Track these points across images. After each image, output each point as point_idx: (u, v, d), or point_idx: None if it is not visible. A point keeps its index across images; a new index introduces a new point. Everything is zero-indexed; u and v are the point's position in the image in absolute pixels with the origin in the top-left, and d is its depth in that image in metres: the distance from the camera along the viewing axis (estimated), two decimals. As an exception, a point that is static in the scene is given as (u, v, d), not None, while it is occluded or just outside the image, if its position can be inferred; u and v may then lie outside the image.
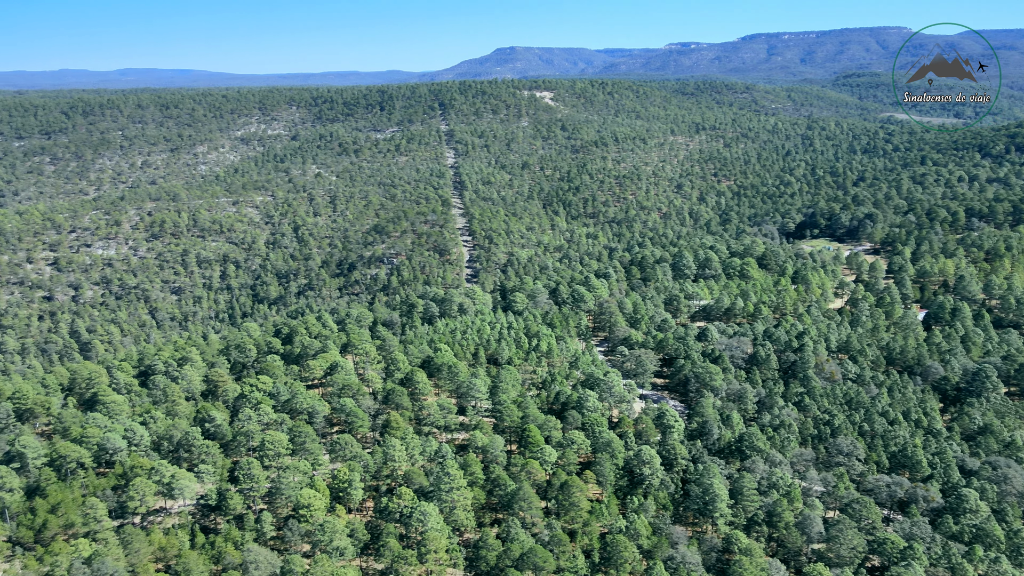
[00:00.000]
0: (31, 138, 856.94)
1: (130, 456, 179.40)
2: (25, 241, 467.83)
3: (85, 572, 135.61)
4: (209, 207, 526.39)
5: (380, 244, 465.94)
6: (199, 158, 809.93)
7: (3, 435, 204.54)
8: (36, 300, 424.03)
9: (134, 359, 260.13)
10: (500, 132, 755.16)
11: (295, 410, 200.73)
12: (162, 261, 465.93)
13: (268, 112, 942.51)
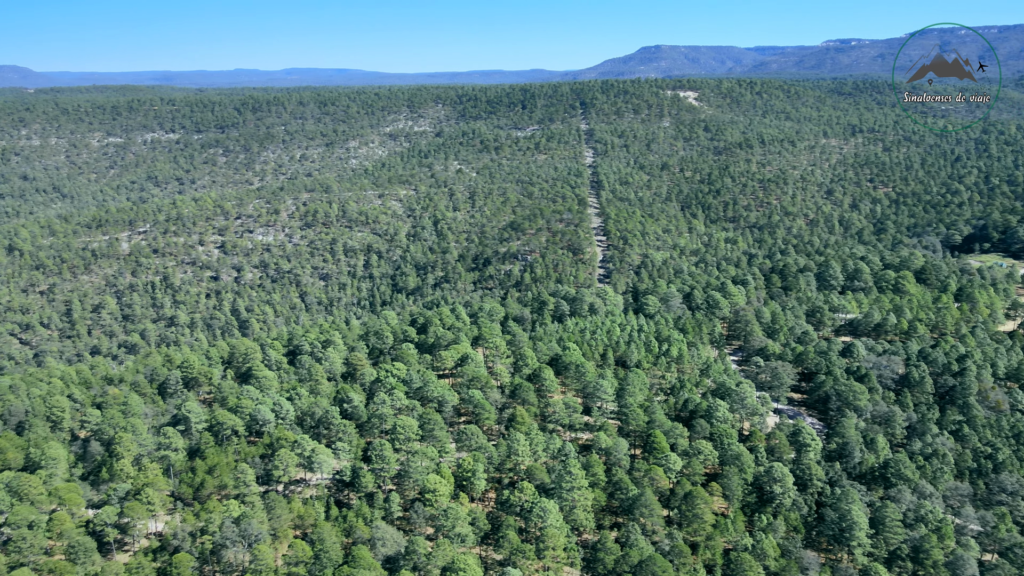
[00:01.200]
0: (208, 132, 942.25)
1: (277, 428, 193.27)
2: (199, 225, 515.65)
3: (234, 530, 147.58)
4: (357, 199, 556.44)
5: (515, 241, 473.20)
6: (351, 152, 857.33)
7: (172, 399, 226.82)
8: (205, 279, 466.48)
9: (284, 339, 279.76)
10: (641, 132, 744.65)
11: (426, 398, 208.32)
12: (313, 248, 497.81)
13: (415, 109, 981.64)
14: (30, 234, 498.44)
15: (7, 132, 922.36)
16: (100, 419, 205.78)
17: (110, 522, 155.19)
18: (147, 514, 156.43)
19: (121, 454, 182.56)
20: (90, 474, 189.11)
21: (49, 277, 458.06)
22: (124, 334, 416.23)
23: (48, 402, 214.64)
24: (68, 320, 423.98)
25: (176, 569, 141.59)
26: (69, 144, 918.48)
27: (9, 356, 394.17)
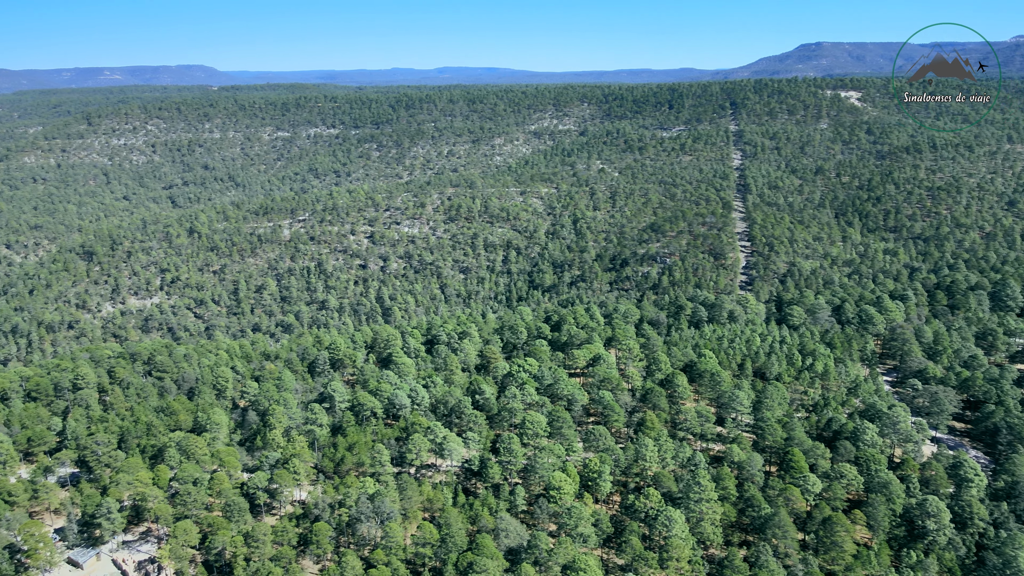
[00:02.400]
0: (364, 127, 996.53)
1: (412, 414, 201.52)
2: (351, 216, 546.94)
3: (369, 506, 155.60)
4: (499, 195, 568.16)
5: (655, 242, 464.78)
6: (495, 149, 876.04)
7: (320, 378, 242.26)
8: (354, 267, 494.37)
9: (424, 328, 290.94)
10: (794, 134, 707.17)
11: (556, 395, 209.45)
12: (455, 242, 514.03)
13: (561, 108, 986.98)
14: (208, 219, 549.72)
15: (193, 125, 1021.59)
16: (257, 391, 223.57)
17: (261, 486, 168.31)
18: (293, 483, 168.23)
19: (273, 425, 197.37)
20: (246, 440, 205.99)
21: (221, 258, 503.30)
22: (281, 314, 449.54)
23: (215, 372, 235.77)
24: (235, 298, 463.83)
25: (316, 536, 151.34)
26: (244, 137, 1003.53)
27: (185, 328, 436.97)
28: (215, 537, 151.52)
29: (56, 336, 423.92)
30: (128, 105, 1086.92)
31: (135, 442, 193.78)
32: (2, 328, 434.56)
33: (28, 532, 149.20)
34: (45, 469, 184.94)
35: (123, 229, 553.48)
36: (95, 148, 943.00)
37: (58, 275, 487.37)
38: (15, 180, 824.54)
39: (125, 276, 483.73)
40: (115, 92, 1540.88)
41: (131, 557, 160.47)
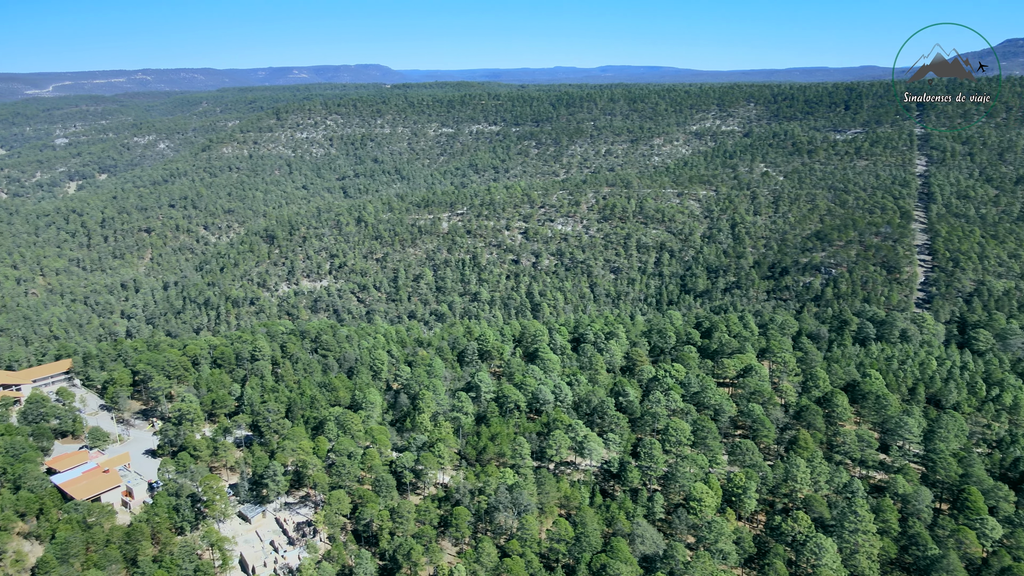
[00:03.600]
0: (524, 125, 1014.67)
1: (555, 410, 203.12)
2: (507, 211, 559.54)
3: (507, 497, 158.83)
4: (655, 196, 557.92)
5: (819, 252, 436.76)
6: (654, 149, 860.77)
7: (468, 368, 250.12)
8: (507, 261, 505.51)
9: (571, 326, 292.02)
10: (993, 139, 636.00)
11: (702, 404, 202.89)
12: (607, 241, 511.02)
13: (725, 108, 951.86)
14: (374, 209, 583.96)
15: (367, 121, 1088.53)
16: (410, 375, 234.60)
17: (408, 466, 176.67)
18: (437, 466, 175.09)
19: (423, 409, 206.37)
20: (397, 421, 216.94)
21: (384, 247, 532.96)
22: (436, 303, 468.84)
23: (373, 354, 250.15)
24: (394, 285, 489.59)
25: (456, 520, 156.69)
26: (411, 133, 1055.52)
27: (348, 311, 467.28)
28: (365, 509, 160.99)
29: (240, 310, 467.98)
30: (311, 102, 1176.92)
31: (300, 413, 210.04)
32: (196, 300, 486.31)
33: (208, 484, 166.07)
34: (224, 430, 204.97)
35: (300, 216, 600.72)
36: (281, 141, 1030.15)
37: (244, 255, 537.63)
38: (215, 168, 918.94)
39: (300, 259, 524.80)
40: (301, 90, 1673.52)
41: (291, 517, 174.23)
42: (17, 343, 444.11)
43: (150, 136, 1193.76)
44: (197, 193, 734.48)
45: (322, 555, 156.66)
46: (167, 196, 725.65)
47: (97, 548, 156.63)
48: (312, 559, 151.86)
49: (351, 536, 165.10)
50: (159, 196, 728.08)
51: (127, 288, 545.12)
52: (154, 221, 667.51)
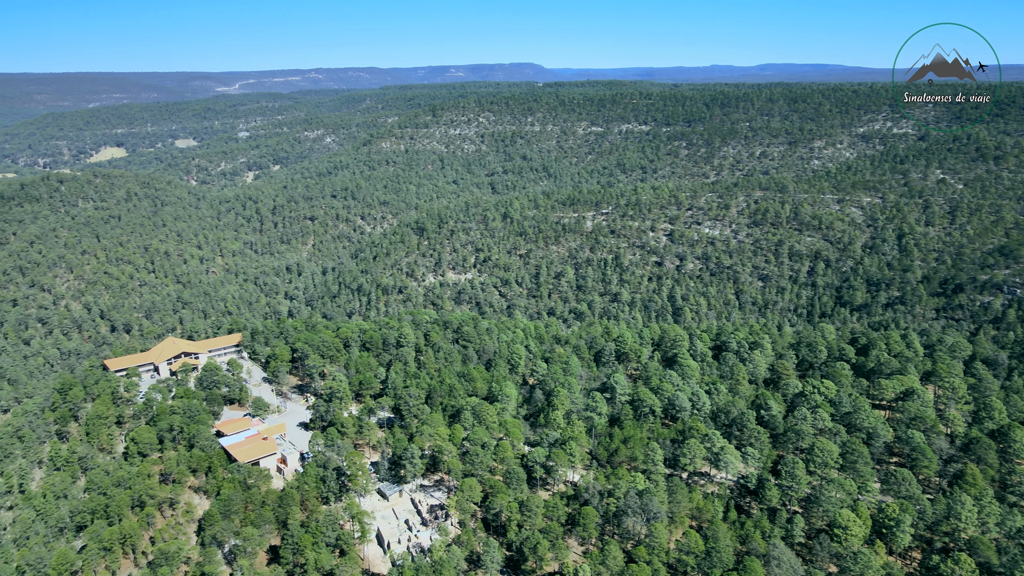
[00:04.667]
0: (675, 125, 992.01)
1: (691, 418, 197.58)
2: (653, 212, 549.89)
3: (636, 502, 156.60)
4: (812, 202, 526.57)
5: (1002, 268, 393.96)
6: (814, 152, 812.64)
7: (604, 368, 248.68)
8: (650, 263, 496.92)
9: (713, 332, 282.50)
10: None
11: (853, 425, 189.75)
12: (757, 247, 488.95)
13: (898, 109, 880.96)
14: (520, 206, 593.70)
15: (517, 119, 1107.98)
16: (546, 371, 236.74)
17: (539, 461, 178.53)
18: (568, 464, 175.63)
19: (557, 406, 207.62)
20: (531, 416, 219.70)
21: (528, 243, 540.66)
22: (575, 302, 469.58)
23: (511, 348, 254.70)
24: (535, 282, 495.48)
25: (583, 519, 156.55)
26: (560, 131, 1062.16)
27: (490, 304, 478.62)
28: (495, 499, 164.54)
29: (389, 298, 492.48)
30: (466, 100, 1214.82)
31: (439, 400, 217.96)
32: (351, 286, 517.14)
33: (352, 460, 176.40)
34: (369, 410, 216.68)
35: (449, 210, 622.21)
36: (435, 137, 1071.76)
37: (396, 246, 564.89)
38: (373, 162, 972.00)
39: (447, 252, 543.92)
40: (456, 88, 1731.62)
41: (425, 499, 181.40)
42: (198, 316, 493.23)
43: (318, 131, 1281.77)
44: (356, 185, 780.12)
45: (452, 539, 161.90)
46: (330, 187, 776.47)
47: (254, 508, 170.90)
48: (443, 541, 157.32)
49: (480, 524, 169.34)
50: (323, 187, 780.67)
51: (291, 271, 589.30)
52: (318, 210, 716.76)
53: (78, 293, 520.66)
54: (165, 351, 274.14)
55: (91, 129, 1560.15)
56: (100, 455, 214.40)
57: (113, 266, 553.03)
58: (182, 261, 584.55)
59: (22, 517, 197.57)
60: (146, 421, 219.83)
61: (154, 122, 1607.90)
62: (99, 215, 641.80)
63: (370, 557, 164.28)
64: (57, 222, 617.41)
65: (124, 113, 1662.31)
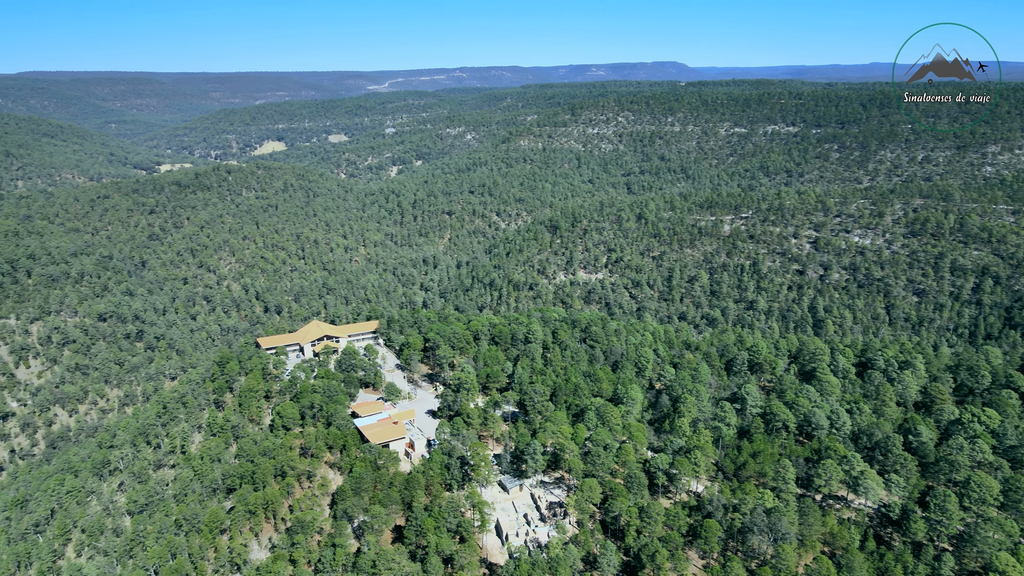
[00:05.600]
0: (827, 126, 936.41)
1: (828, 437, 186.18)
2: (796, 218, 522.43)
3: (764, 520, 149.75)
4: (982, 212, 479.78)
5: None
6: (987, 158, 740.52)
7: (735, 378, 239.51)
8: (791, 271, 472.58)
9: (858, 348, 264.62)
10: None
11: (1019, 461, 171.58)
12: (913, 260, 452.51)
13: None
14: (656, 207, 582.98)
15: (657, 118, 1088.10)
16: (673, 377, 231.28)
17: (662, 468, 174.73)
18: (692, 473, 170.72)
19: (683, 413, 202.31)
20: (655, 421, 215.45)
21: (661, 245, 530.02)
22: (708, 307, 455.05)
23: (639, 351, 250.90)
24: (667, 285, 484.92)
25: (706, 532, 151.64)
26: (701, 132, 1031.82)
27: (619, 305, 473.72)
28: (615, 502, 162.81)
29: (519, 294, 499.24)
30: (605, 99, 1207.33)
31: (563, 398, 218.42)
32: (483, 280, 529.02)
33: (476, 451, 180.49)
34: (495, 403, 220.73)
35: (583, 209, 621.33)
36: (573, 136, 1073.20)
37: (528, 243, 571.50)
38: (511, 159, 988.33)
39: (579, 251, 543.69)
40: (597, 87, 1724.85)
41: (545, 496, 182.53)
42: (340, 302, 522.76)
43: (460, 128, 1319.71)
44: (494, 182, 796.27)
45: (569, 537, 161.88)
46: (468, 183, 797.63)
47: (382, 488, 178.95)
48: (560, 539, 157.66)
49: (598, 526, 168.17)
50: (461, 182, 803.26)
51: (427, 263, 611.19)
52: (455, 205, 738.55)
53: (238, 275, 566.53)
54: (310, 333, 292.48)
55: (256, 124, 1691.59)
56: (250, 425, 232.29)
57: (269, 251, 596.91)
58: (329, 249, 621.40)
59: (182, 476, 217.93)
60: (290, 397, 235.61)
61: (311, 118, 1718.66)
62: (259, 204, 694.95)
63: (488, 547, 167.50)
64: (224, 209, 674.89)
65: (285, 110, 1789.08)
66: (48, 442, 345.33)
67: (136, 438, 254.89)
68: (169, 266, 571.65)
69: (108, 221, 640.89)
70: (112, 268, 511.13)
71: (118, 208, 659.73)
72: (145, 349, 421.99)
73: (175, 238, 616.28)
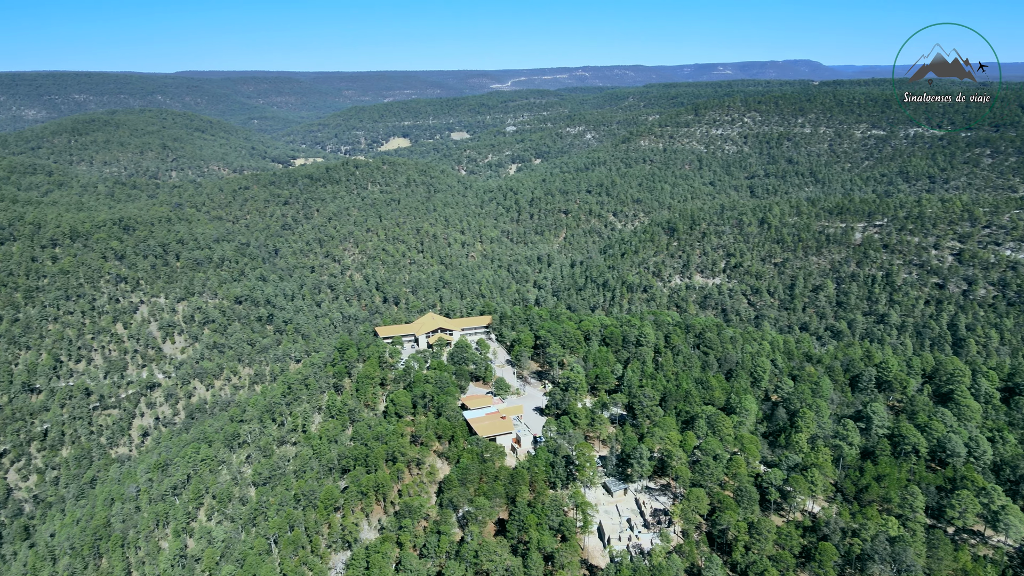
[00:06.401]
0: (979, 130, 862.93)
1: (965, 466, 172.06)
2: (938, 227, 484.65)
3: (886, 549, 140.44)
4: None
5: None
6: None
7: (860, 395, 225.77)
8: (929, 284, 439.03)
9: (1004, 371, 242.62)
10: None
11: None
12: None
13: None
14: (780, 211, 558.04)
15: (786, 119, 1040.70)
16: (792, 389, 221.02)
17: (775, 484, 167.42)
18: (807, 492, 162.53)
19: (801, 428, 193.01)
20: (770, 434, 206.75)
21: (784, 252, 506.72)
22: (833, 319, 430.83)
23: (755, 360, 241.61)
24: (789, 293, 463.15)
25: (820, 555, 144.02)
26: (834, 134, 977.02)
27: (737, 312, 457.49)
28: (723, 515, 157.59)
29: (633, 296, 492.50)
30: (731, 99, 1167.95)
31: (673, 404, 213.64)
32: (596, 280, 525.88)
33: (581, 451, 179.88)
34: (602, 404, 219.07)
35: (703, 212, 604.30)
36: (695, 136, 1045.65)
37: (644, 244, 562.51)
38: (630, 159, 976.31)
39: (696, 254, 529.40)
40: (723, 86, 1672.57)
41: (650, 502, 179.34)
42: (455, 295, 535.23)
43: (579, 127, 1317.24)
44: (611, 181, 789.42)
45: (673, 547, 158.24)
46: (585, 182, 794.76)
47: (488, 481, 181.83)
48: (664, 547, 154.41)
49: (704, 537, 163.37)
50: (579, 182, 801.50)
51: (541, 261, 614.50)
52: (571, 204, 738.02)
53: (361, 265, 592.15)
54: (425, 325, 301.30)
55: (384, 121, 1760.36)
56: (365, 410, 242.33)
57: (390, 244, 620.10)
58: (447, 244, 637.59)
59: (302, 453, 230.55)
60: (404, 386, 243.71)
61: (435, 116, 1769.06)
62: (383, 198, 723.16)
63: (589, 548, 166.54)
64: (350, 202, 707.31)
65: (411, 107, 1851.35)
66: (187, 412, 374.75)
67: (263, 415, 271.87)
68: (299, 254, 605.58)
69: (247, 211, 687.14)
70: (248, 255, 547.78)
71: (256, 199, 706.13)
72: (274, 332, 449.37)
73: (305, 228, 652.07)
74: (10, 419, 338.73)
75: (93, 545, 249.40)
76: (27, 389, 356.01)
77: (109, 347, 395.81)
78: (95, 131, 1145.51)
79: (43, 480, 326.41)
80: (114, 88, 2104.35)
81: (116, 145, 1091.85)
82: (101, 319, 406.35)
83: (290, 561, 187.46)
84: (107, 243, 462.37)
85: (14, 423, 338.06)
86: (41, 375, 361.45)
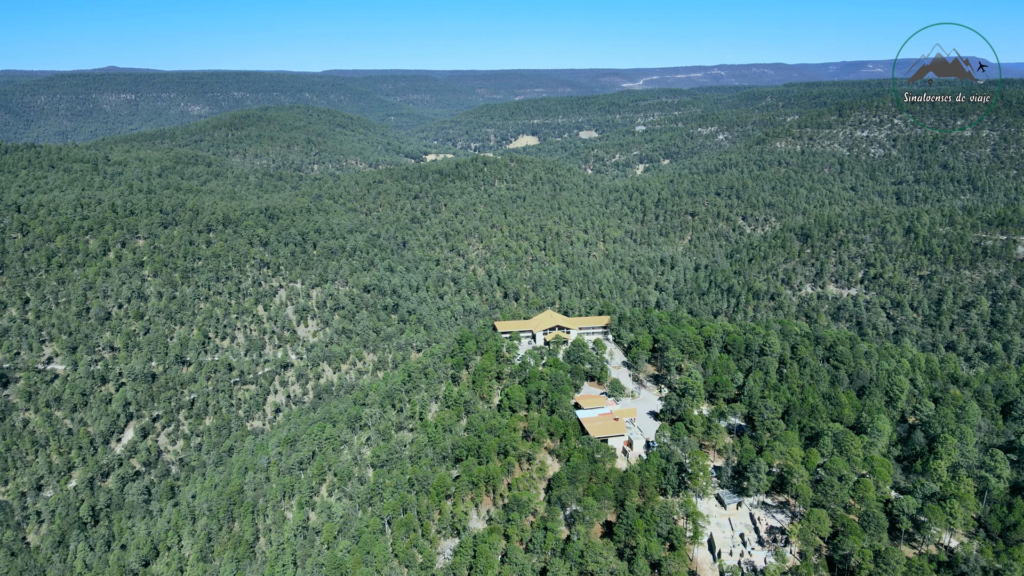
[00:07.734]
0: None
1: None
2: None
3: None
4: None
5: None
6: None
7: (1015, 424, 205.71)
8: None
9: None
10: None
11: None
12: None
13: None
14: (930, 220, 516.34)
15: (942, 121, 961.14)
16: (932, 412, 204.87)
17: (908, 512, 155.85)
18: (945, 524, 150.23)
19: (941, 455, 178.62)
20: (905, 459, 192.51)
21: (933, 264, 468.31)
22: (986, 339, 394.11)
23: (891, 378, 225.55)
24: (935, 309, 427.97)
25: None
26: (999, 137, 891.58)
27: (873, 326, 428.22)
28: (846, 540, 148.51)
29: (759, 303, 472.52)
30: (881, 98, 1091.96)
31: (797, 418, 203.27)
32: (721, 285, 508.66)
33: (695, 459, 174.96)
34: (720, 413, 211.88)
35: (841, 218, 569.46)
36: (838, 138, 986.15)
37: (775, 250, 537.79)
38: (764, 161, 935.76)
39: (831, 263, 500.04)
40: (872, 85, 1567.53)
41: (765, 518, 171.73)
42: (574, 294, 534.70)
43: (712, 127, 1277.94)
44: (743, 184, 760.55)
45: (789, 568, 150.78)
46: (715, 184, 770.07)
47: (597, 481, 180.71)
48: (779, 567, 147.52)
49: (823, 561, 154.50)
50: (708, 183, 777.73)
51: (664, 263, 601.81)
52: (699, 206, 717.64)
53: (484, 260, 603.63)
54: (543, 322, 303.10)
55: (514, 119, 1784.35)
56: (480, 402, 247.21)
57: (513, 240, 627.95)
58: (569, 243, 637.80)
59: (418, 440, 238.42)
60: (519, 381, 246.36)
61: (564, 114, 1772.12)
62: (509, 195, 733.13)
63: (698, 560, 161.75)
64: (477, 198, 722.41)
65: (541, 106, 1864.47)
66: (316, 392, 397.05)
67: (384, 400, 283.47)
68: (425, 247, 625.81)
69: (379, 203, 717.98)
70: (379, 246, 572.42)
71: (388, 192, 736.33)
72: (398, 321, 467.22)
73: (432, 222, 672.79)
74: (164, 387, 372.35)
75: (228, 509, 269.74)
76: (179, 361, 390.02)
77: (251, 327, 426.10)
78: (249, 126, 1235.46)
79: (188, 446, 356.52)
80: (268, 86, 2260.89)
81: (267, 139, 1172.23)
82: (245, 300, 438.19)
83: (402, 543, 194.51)
84: (254, 230, 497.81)
85: (167, 391, 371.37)
86: (191, 349, 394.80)
